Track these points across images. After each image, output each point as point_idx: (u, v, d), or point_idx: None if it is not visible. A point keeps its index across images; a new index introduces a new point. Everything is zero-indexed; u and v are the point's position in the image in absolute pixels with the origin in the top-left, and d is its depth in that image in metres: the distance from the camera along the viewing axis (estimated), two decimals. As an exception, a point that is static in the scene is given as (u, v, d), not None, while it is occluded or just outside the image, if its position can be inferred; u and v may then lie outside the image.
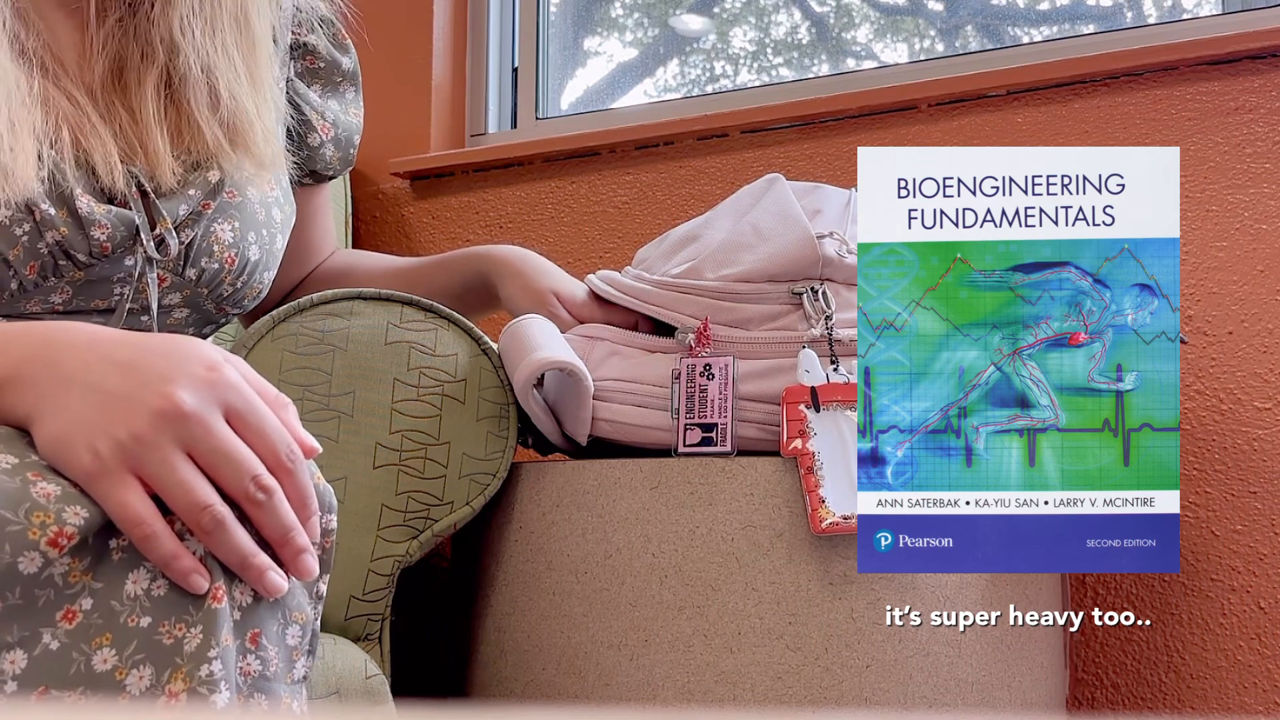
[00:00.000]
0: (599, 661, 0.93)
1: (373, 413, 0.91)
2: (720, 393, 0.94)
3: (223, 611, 0.61)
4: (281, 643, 0.64)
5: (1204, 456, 1.27)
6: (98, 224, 0.85)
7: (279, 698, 0.63)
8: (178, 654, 0.59)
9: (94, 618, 0.59)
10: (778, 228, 0.98)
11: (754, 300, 0.96)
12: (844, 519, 0.88)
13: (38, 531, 0.57)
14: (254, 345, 0.91)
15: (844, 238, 0.98)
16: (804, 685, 0.89)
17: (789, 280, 0.97)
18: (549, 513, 0.97)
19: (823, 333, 0.95)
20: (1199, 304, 1.29)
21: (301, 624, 0.66)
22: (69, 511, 0.58)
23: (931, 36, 1.70)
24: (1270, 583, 1.23)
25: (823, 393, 0.93)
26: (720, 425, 0.93)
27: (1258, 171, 1.28)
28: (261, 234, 0.95)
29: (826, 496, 0.89)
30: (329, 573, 0.68)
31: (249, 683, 0.62)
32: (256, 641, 0.63)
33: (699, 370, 0.95)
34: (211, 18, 0.91)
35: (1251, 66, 1.29)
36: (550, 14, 1.89)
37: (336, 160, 1.12)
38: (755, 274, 0.96)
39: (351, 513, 0.89)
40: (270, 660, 0.64)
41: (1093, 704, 1.30)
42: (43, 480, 0.59)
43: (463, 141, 1.84)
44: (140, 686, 0.59)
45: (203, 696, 0.59)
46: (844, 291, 0.98)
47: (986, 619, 0.94)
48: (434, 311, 0.95)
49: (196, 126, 0.90)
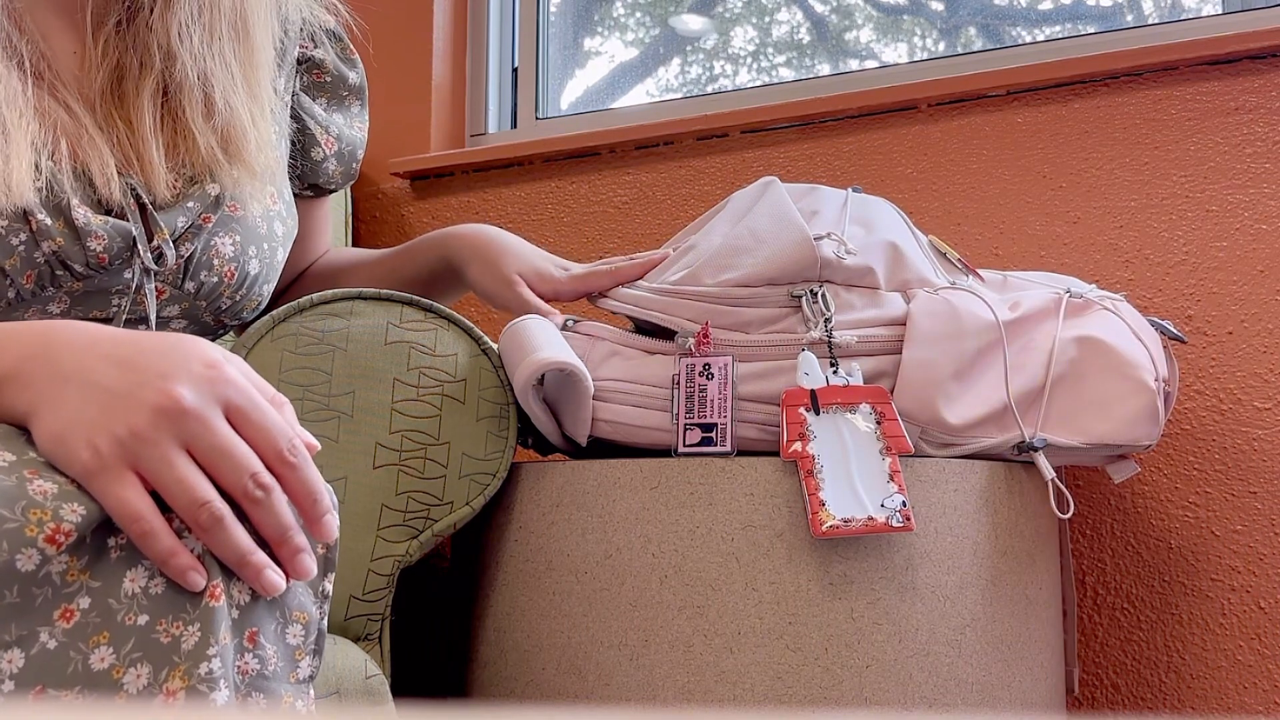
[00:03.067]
0: (599, 661, 0.93)
1: (373, 413, 0.91)
2: (720, 393, 0.94)
3: (220, 610, 0.61)
4: (281, 642, 0.64)
5: (1204, 456, 1.27)
6: (94, 235, 0.85)
7: (279, 697, 0.63)
8: (175, 652, 0.59)
9: (91, 616, 0.59)
10: (775, 230, 0.98)
11: (753, 304, 0.96)
12: (844, 522, 0.88)
13: (35, 529, 0.57)
14: (254, 345, 0.91)
15: (842, 238, 0.98)
16: (804, 685, 0.89)
17: (788, 283, 0.96)
18: (549, 513, 0.97)
19: (822, 335, 0.95)
20: (1199, 304, 1.29)
21: (304, 624, 0.66)
22: (66, 509, 0.58)
23: (932, 36, 1.70)
24: (1270, 583, 1.23)
25: (822, 395, 0.93)
26: (720, 425, 0.93)
27: (1258, 171, 1.28)
28: (262, 248, 0.95)
29: (827, 499, 0.89)
30: (333, 572, 0.68)
31: (246, 681, 0.62)
32: (254, 640, 0.63)
33: (698, 370, 0.94)
34: (210, 24, 0.91)
35: (1251, 66, 1.29)
36: (550, 14, 1.89)
37: (339, 174, 1.12)
38: (754, 278, 0.96)
39: (351, 513, 0.89)
40: (269, 659, 0.63)
41: (1093, 704, 1.30)
42: (40, 478, 0.59)
43: (463, 141, 1.84)
44: (138, 685, 0.59)
45: (202, 695, 0.59)
46: (843, 293, 0.97)
47: (987, 619, 0.95)
48: (434, 311, 0.95)
49: (191, 136, 0.90)
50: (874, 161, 1.47)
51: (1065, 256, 1.36)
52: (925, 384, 0.95)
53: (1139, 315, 1.07)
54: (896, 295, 0.99)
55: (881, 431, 0.92)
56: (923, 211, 1.44)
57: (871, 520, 0.88)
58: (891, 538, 0.91)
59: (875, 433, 0.92)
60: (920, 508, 0.93)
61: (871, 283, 0.98)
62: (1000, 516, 0.97)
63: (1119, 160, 1.35)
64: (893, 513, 0.89)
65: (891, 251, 1.00)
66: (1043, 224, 1.38)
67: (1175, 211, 1.31)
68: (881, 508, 0.89)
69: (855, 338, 0.95)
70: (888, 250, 1.00)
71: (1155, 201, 1.33)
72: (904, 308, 0.98)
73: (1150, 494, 1.29)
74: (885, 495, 0.90)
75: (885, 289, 0.99)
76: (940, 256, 1.08)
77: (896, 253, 1.01)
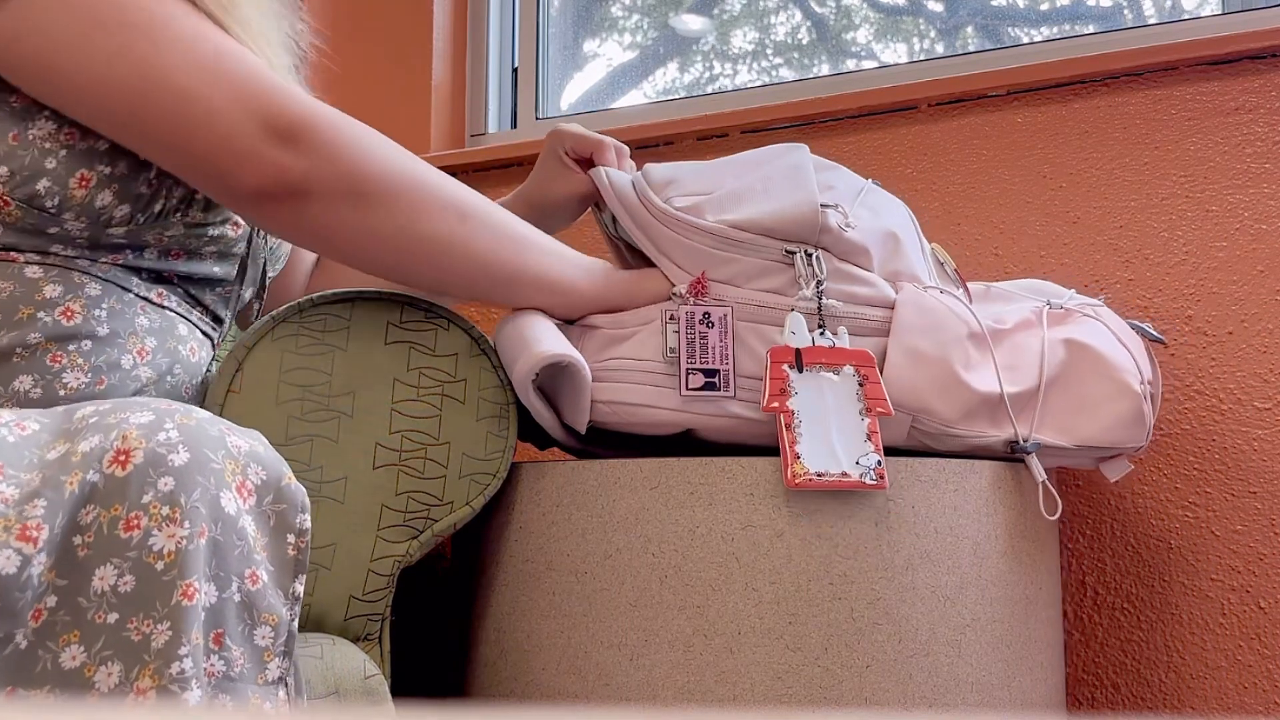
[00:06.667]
0: (599, 661, 0.93)
1: (373, 413, 0.91)
2: (720, 340, 0.94)
3: (193, 609, 0.61)
4: (249, 643, 0.64)
5: (1204, 456, 1.27)
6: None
7: (246, 698, 0.63)
8: (145, 651, 0.59)
9: (60, 615, 0.59)
10: (786, 186, 0.98)
11: (747, 251, 0.96)
12: (818, 475, 0.89)
13: (3, 534, 0.58)
14: (254, 345, 0.91)
15: (847, 213, 0.98)
16: (804, 685, 0.89)
17: (784, 238, 0.97)
18: (549, 513, 0.97)
19: (813, 295, 0.95)
20: (1199, 304, 1.29)
21: (273, 625, 0.65)
22: (29, 506, 0.59)
23: (931, 37, 1.70)
24: (1270, 583, 1.23)
25: (807, 355, 0.93)
26: (723, 371, 0.94)
27: (1258, 171, 1.28)
28: None
29: (803, 453, 0.90)
30: (304, 573, 0.68)
31: (212, 683, 0.62)
32: (220, 641, 0.63)
33: (698, 318, 0.95)
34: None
35: (1251, 66, 1.29)
36: (550, 14, 1.89)
37: None
38: (752, 224, 0.96)
39: (351, 513, 0.89)
40: (235, 660, 0.63)
41: (1093, 704, 1.30)
42: (1, 484, 0.60)
43: (463, 141, 1.84)
44: (109, 684, 0.59)
45: (174, 694, 0.59)
46: (837, 263, 0.98)
47: (986, 618, 0.94)
48: (434, 311, 0.95)
49: None
50: (874, 161, 1.47)
51: (1065, 256, 1.36)
52: (913, 372, 0.95)
53: (1119, 320, 1.08)
54: (885, 284, 1.00)
55: (863, 393, 0.93)
56: (923, 211, 1.44)
57: (845, 476, 0.89)
58: (892, 537, 0.91)
59: (857, 393, 0.93)
60: (920, 508, 0.93)
61: (865, 264, 0.99)
62: (1000, 516, 0.97)
63: (1119, 160, 1.35)
64: (867, 470, 0.89)
65: (891, 241, 1.01)
66: (1043, 224, 1.38)
67: (1175, 211, 1.31)
68: (856, 464, 0.90)
69: (844, 309, 0.96)
70: (887, 239, 1.01)
71: (1155, 201, 1.33)
72: (893, 295, 0.98)
73: (1150, 494, 1.29)
74: (861, 453, 0.90)
75: (877, 275, 1.00)
76: (938, 265, 1.09)
77: (895, 244, 1.01)
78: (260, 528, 0.67)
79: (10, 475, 0.61)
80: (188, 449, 0.64)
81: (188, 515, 0.62)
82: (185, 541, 0.62)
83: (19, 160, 0.80)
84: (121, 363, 0.84)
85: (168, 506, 0.62)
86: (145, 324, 0.87)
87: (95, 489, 0.62)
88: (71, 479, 0.62)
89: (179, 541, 0.61)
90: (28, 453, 0.63)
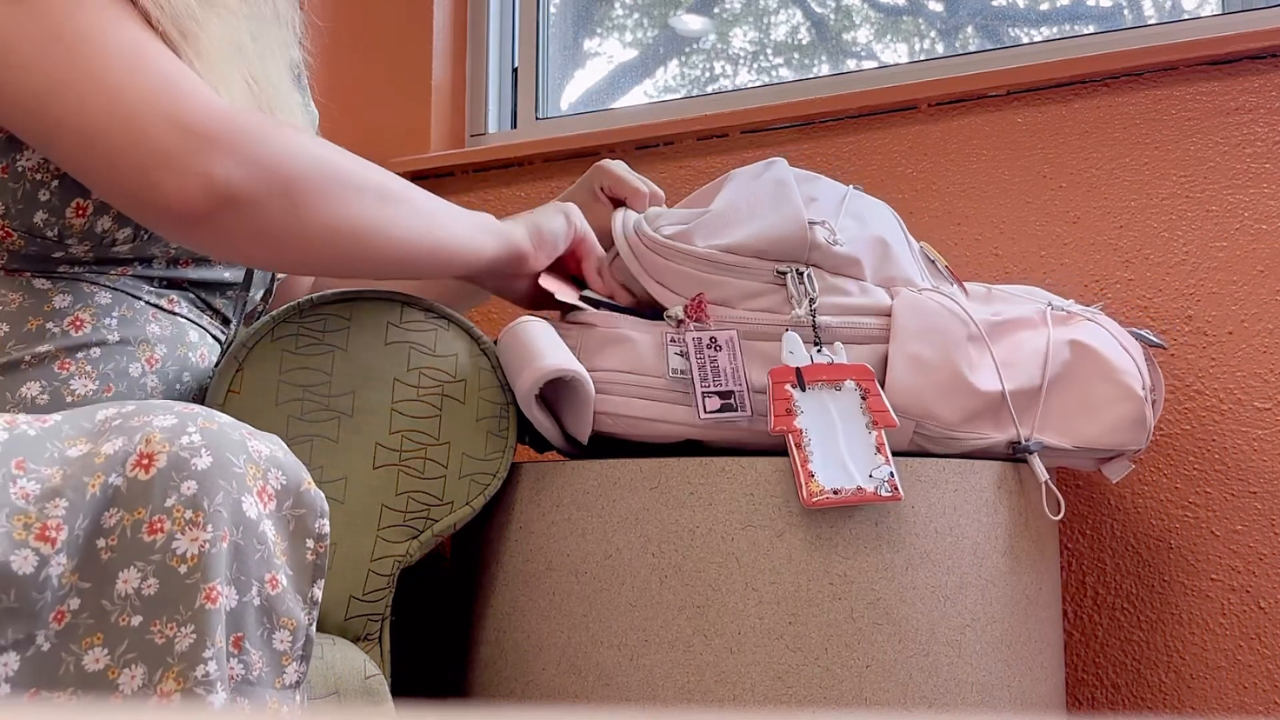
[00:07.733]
0: (599, 661, 0.93)
1: (373, 413, 0.91)
2: (731, 363, 0.95)
3: (217, 612, 0.61)
4: (268, 647, 0.64)
5: (1204, 456, 1.27)
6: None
7: (264, 702, 0.63)
8: (169, 653, 0.59)
9: (83, 618, 0.59)
10: (771, 206, 0.99)
11: (738, 274, 0.97)
12: (834, 492, 0.89)
13: (23, 532, 0.58)
14: (254, 345, 0.91)
15: (834, 227, 0.99)
16: (804, 685, 0.89)
17: (775, 259, 0.97)
18: (549, 513, 0.97)
19: (807, 314, 0.95)
20: (1199, 304, 1.29)
21: (291, 629, 0.65)
22: (50, 505, 0.59)
23: (931, 37, 1.70)
24: (1270, 583, 1.23)
25: (808, 373, 0.93)
26: (738, 392, 0.94)
27: (1258, 171, 1.28)
28: None
29: (816, 471, 0.90)
30: (323, 578, 0.68)
31: (231, 686, 0.62)
32: (239, 645, 0.63)
33: (705, 343, 0.95)
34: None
35: (1251, 66, 1.29)
36: (550, 14, 1.89)
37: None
38: (743, 247, 0.97)
39: (351, 513, 0.89)
40: (253, 664, 0.63)
41: (1093, 704, 1.30)
42: (24, 477, 0.60)
43: (463, 141, 1.84)
44: (133, 686, 0.59)
45: (199, 697, 0.59)
46: (829, 278, 0.98)
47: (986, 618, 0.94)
48: (434, 311, 0.95)
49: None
50: (874, 161, 1.47)
51: (1065, 256, 1.36)
52: (915, 378, 0.95)
53: (1119, 326, 1.09)
54: (881, 290, 1.00)
55: (867, 406, 0.93)
56: (923, 211, 1.44)
57: (860, 490, 0.89)
58: (892, 537, 0.91)
59: (861, 407, 0.93)
60: (920, 508, 0.93)
61: (857, 274, 0.99)
62: (1000, 516, 0.97)
63: (1119, 160, 1.35)
64: (881, 483, 0.90)
65: (880, 248, 1.01)
66: (1043, 224, 1.38)
67: (1175, 211, 1.31)
68: (870, 478, 0.90)
69: (839, 322, 0.96)
70: (876, 245, 1.01)
71: (1155, 201, 1.33)
72: (889, 302, 0.99)
73: (1150, 494, 1.29)
74: (873, 466, 0.91)
75: (870, 283, 1.00)
76: (929, 263, 1.09)
77: (885, 249, 1.01)
78: (280, 532, 0.67)
79: (31, 470, 0.61)
80: (210, 453, 0.64)
81: (210, 519, 0.62)
82: (208, 545, 0.62)
83: (11, 193, 0.80)
84: (130, 370, 0.84)
85: (191, 510, 0.62)
86: (156, 331, 0.87)
87: (118, 492, 0.62)
88: (94, 481, 0.62)
89: (202, 545, 0.62)
90: (49, 445, 0.64)
